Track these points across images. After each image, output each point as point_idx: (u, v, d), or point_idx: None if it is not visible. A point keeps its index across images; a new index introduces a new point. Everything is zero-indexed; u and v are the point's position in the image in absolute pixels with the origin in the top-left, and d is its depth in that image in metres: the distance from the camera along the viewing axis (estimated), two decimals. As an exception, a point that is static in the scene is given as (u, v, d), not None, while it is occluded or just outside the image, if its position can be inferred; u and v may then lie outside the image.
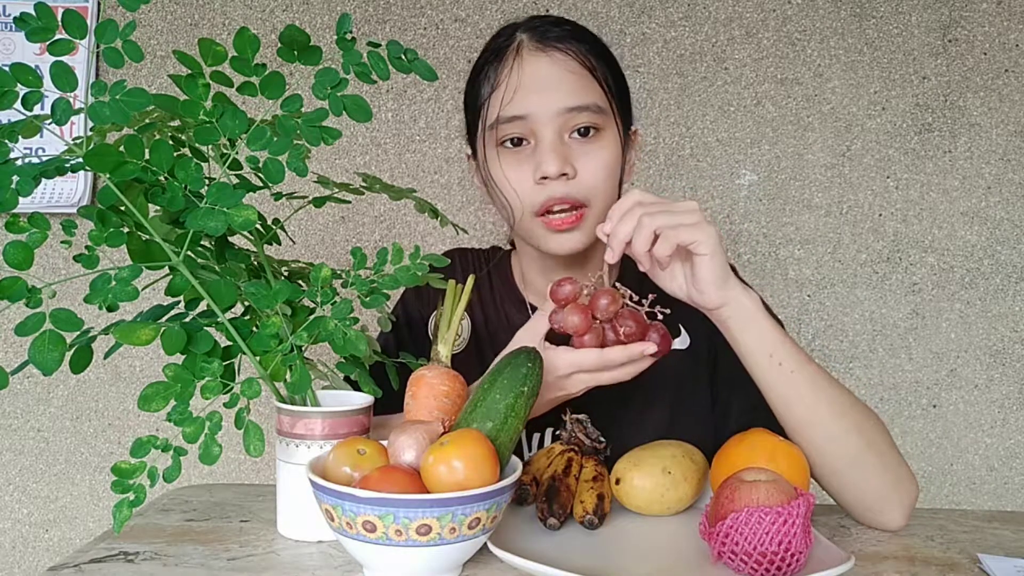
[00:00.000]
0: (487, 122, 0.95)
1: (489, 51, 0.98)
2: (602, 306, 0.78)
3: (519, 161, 0.94)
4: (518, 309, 1.08)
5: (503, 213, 0.99)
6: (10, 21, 1.63)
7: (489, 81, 0.95)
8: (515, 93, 0.93)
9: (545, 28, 0.95)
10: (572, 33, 0.96)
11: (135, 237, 0.73)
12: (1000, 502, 1.60)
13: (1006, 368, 1.58)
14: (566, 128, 0.93)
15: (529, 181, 0.93)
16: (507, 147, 0.95)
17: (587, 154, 0.93)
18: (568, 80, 0.93)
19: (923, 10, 1.55)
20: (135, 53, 0.70)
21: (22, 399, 1.67)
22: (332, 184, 0.88)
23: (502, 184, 0.95)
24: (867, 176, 1.58)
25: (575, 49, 0.94)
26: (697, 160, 1.59)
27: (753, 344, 0.83)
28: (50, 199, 1.56)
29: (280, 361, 0.75)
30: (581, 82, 0.93)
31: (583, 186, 0.93)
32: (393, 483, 0.66)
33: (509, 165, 0.94)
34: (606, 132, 0.95)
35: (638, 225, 0.79)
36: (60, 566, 0.72)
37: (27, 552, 1.70)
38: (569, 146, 0.93)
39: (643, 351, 0.79)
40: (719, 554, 0.70)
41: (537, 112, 0.92)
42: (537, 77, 0.93)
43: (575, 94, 0.93)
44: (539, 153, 0.92)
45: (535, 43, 0.94)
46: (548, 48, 0.94)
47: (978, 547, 0.80)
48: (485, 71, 0.97)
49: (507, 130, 0.94)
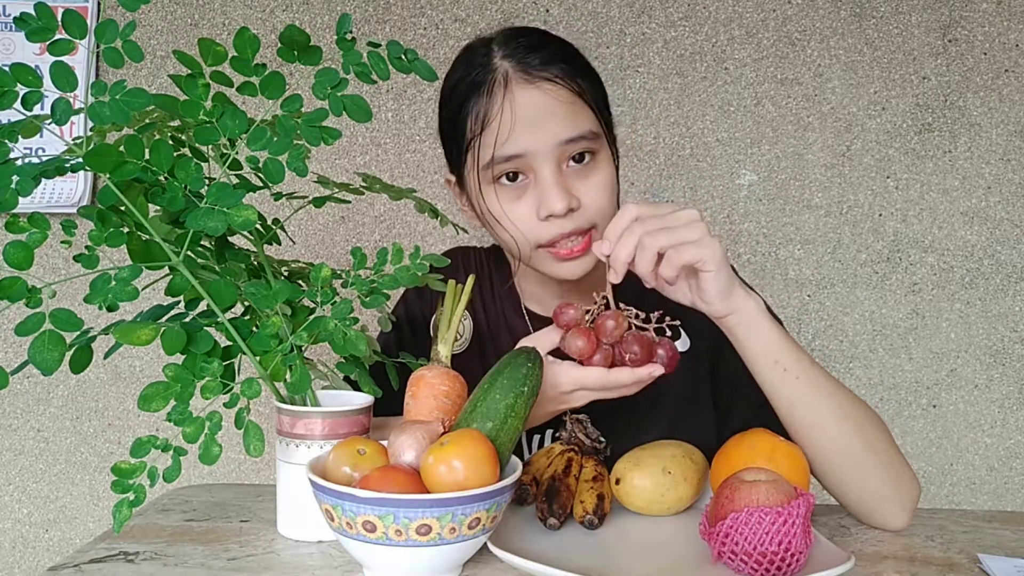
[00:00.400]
0: (480, 161, 0.92)
1: (467, 80, 0.93)
2: (607, 330, 0.78)
3: (519, 197, 0.92)
4: (515, 311, 1.08)
5: (506, 247, 0.98)
6: (10, 21, 1.63)
7: (477, 117, 0.91)
8: (510, 132, 0.89)
9: (527, 55, 0.92)
10: (553, 55, 0.93)
11: (135, 237, 0.73)
12: (1000, 502, 1.60)
13: (1006, 368, 1.58)
14: (563, 159, 0.91)
15: (532, 218, 0.91)
16: (504, 183, 0.92)
17: (587, 181, 0.92)
18: (561, 111, 0.90)
19: (923, 10, 1.55)
20: (135, 53, 0.70)
21: (22, 399, 1.67)
22: (332, 184, 0.88)
23: (503, 221, 0.93)
24: (867, 176, 1.58)
25: (562, 75, 0.91)
26: (697, 160, 1.59)
27: (758, 350, 0.83)
28: (50, 199, 1.56)
29: (280, 361, 0.75)
30: (573, 110, 0.91)
31: (587, 213, 0.92)
32: (393, 483, 0.66)
33: (509, 202, 0.92)
34: (601, 154, 0.94)
35: (640, 246, 0.78)
36: (60, 566, 0.72)
37: (27, 552, 1.70)
38: (568, 176, 0.91)
39: (651, 373, 0.78)
40: (719, 554, 0.70)
41: (534, 149, 0.90)
42: (530, 113, 0.90)
43: (569, 125, 0.90)
44: (541, 190, 0.90)
45: (522, 75, 0.90)
46: (536, 80, 0.90)
47: (978, 547, 0.80)
48: (469, 104, 0.92)
49: (504, 168, 0.91)
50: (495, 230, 0.95)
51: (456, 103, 0.94)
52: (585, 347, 0.79)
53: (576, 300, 1.03)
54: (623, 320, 0.79)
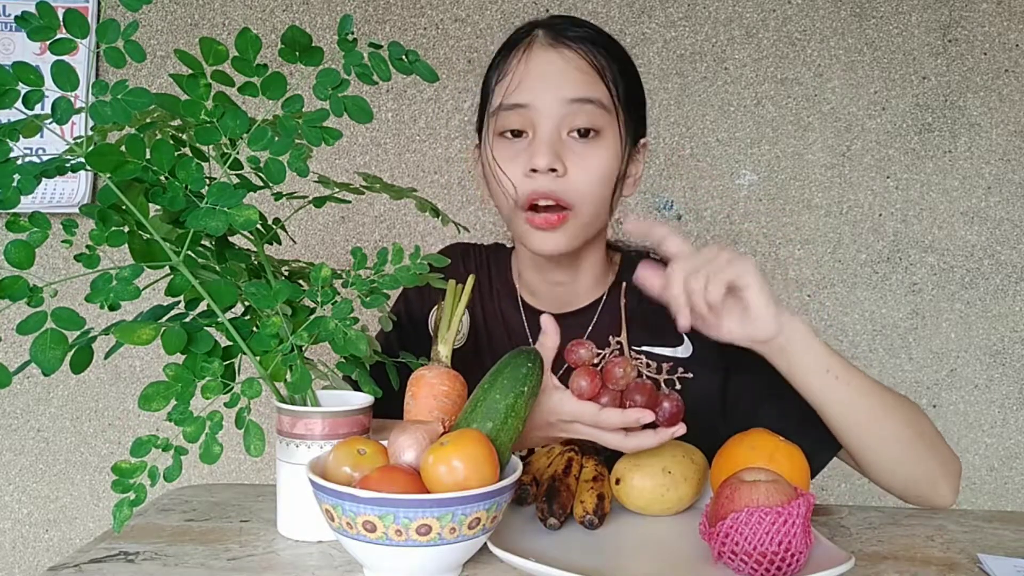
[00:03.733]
0: (490, 109, 0.97)
1: (506, 45, 0.99)
2: (614, 376, 0.78)
3: (515, 152, 0.95)
4: (512, 305, 1.08)
5: (498, 208, 1.00)
6: (10, 21, 1.63)
7: (499, 70, 0.97)
8: (520, 83, 0.94)
9: (563, 26, 0.96)
10: (589, 35, 0.96)
11: (136, 237, 0.73)
12: (1000, 502, 1.61)
13: (1006, 368, 1.58)
14: (565, 125, 0.93)
15: (520, 175, 0.94)
16: (506, 137, 0.96)
17: (582, 155, 0.93)
18: (573, 76, 0.93)
19: (923, 10, 1.55)
20: (137, 53, 0.70)
21: (22, 399, 1.68)
22: (333, 184, 0.88)
23: (496, 173, 0.95)
24: (867, 176, 1.58)
25: (586, 49, 0.95)
26: (697, 160, 1.59)
27: (811, 364, 0.83)
28: (51, 199, 1.56)
29: (280, 361, 0.75)
30: (586, 79, 0.94)
31: (571, 186, 0.93)
32: (393, 483, 0.66)
33: (504, 155, 0.95)
34: (606, 136, 0.95)
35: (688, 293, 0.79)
36: (60, 566, 0.72)
37: (27, 552, 1.70)
38: (565, 143, 0.93)
39: (639, 418, 0.77)
40: (719, 554, 0.70)
41: (537, 102, 0.93)
42: (543, 69, 0.94)
43: (578, 88, 0.93)
44: (533, 146, 0.93)
45: (548, 38, 0.95)
46: (559, 44, 0.94)
47: (978, 547, 0.81)
48: (496, 62, 0.98)
49: (507, 118, 0.94)
50: (491, 186, 0.99)
51: (490, 66, 1.00)
52: (587, 388, 0.78)
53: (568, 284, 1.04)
54: (631, 368, 0.78)
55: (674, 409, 0.78)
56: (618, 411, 0.77)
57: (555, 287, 1.05)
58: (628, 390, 0.78)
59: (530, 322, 1.07)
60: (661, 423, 0.78)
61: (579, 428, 0.81)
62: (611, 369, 0.78)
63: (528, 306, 1.08)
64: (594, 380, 0.79)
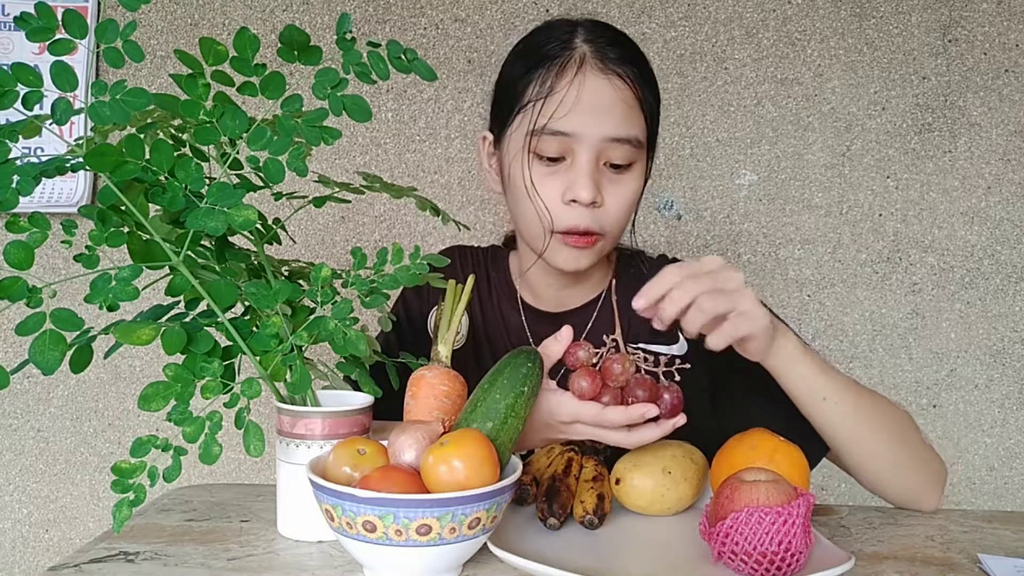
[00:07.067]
0: (531, 125, 0.94)
1: (544, 48, 0.95)
2: (613, 373, 0.78)
3: (554, 176, 0.94)
4: (512, 306, 1.08)
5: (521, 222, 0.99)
6: (10, 21, 1.63)
7: (544, 84, 0.94)
8: (570, 110, 0.92)
9: (606, 46, 0.94)
10: (628, 55, 0.96)
11: (135, 237, 0.73)
12: (1000, 502, 1.60)
13: (1006, 368, 1.58)
14: (603, 157, 0.94)
15: (556, 200, 0.94)
16: (541, 159, 0.94)
17: (616, 186, 0.95)
18: (619, 109, 0.93)
19: (923, 10, 1.55)
20: (136, 53, 0.70)
21: (22, 399, 1.67)
22: (332, 184, 0.88)
23: (531, 195, 0.95)
24: (867, 176, 1.58)
25: (631, 76, 0.94)
26: (697, 160, 1.59)
27: (800, 385, 0.86)
28: (50, 199, 1.56)
29: (280, 361, 0.75)
30: (630, 113, 0.94)
31: (605, 217, 0.95)
32: (393, 483, 0.66)
33: (542, 178, 0.94)
34: (637, 166, 0.97)
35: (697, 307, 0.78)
36: (60, 566, 0.72)
37: (27, 552, 1.70)
38: (602, 173, 0.94)
39: (643, 414, 0.77)
40: (719, 554, 0.70)
41: (584, 134, 0.92)
42: (594, 100, 0.92)
43: (622, 125, 0.93)
44: (574, 175, 0.93)
45: (598, 62, 0.93)
46: (609, 72, 0.93)
47: (978, 547, 0.80)
48: (539, 70, 0.94)
49: (549, 143, 0.93)
50: (517, 199, 0.97)
51: (525, 64, 0.96)
52: (589, 388, 0.79)
53: (572, 287, 1.04)
54: (629, 364, 0.79)
55: (675, 400, 0.79)
56: (621, 408, 0.78)
57: (560, 290, 1.06)
58: (629, 386, 0.79)
59: (530, 322, 1.07)
60: (663, 415, 0.78)
61: (580, 428, 0.81)
62: (610, 366, 0.78)
63: (528, 306, 1.08)
64: (595, 380, 0.79)
